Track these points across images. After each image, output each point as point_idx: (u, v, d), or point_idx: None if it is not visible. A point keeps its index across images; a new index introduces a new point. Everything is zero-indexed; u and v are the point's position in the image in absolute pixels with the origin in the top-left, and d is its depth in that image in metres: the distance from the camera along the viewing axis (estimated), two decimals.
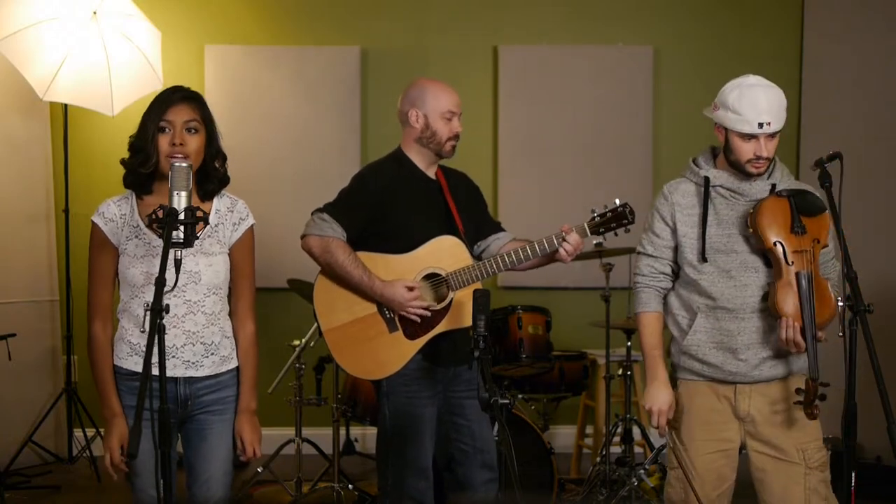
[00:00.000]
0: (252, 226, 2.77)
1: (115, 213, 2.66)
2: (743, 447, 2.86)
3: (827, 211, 2.72)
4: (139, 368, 2.59)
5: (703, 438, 2.86)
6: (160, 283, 2.25)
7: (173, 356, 2.61)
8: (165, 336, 2.53)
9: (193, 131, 2.62)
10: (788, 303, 2.68)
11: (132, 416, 2.56)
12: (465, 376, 3.28)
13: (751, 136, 2.75)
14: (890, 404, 2.32)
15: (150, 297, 2.30)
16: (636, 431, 4.71)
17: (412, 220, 3.21)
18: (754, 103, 2.74)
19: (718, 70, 5.53)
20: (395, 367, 3.17)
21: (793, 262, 2.69)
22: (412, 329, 3.18)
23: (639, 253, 3.01)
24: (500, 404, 2.57)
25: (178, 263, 2.33)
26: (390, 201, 3.20)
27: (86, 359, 5.54)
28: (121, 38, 4.87)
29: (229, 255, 2.72)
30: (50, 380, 5.29)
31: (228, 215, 2.73)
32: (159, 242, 2.56)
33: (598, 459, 4.57)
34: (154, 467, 2.29)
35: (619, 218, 3.21)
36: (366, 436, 5.43)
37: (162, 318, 2.24)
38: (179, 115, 2.61)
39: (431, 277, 3.21)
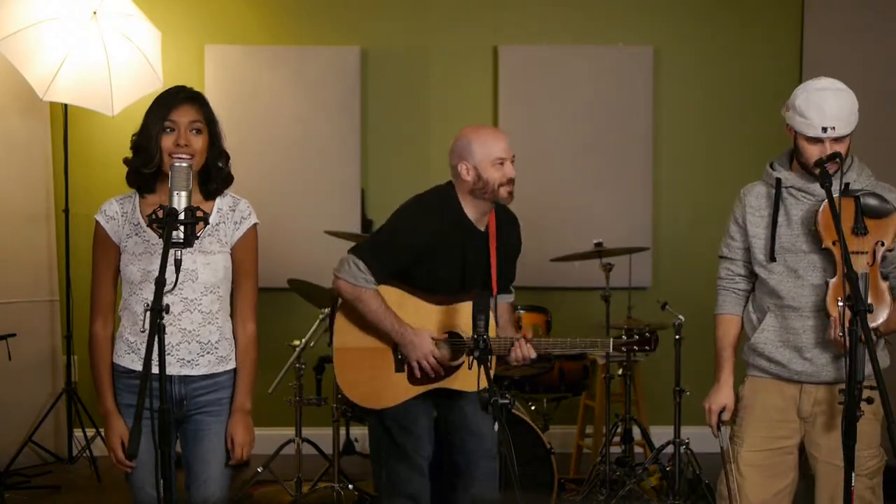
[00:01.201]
0: (255, 225, 2.76)
1: (117, 210, 2.67)
2: (803, 448, 2.88)
3: (895, 213, 2.72)
4: (135, 366, 2.62)
5: (761, 435, 2.88)
6: (160, 282, 2.25)
7: (169, 354, 2.59)
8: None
9: (197, 132, 2.63)
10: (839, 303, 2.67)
11: (128, 414, 2.58)
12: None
13: (816, 140, 2.74)
14: (890, 404, 2.31)
15: (147, 294, 2.31)
16: (636, 431, 4.71)
17: (442, 275, 3.20)
18: (820, 107, 2.72)
19: (718, 70, 5.56)
20: (389, 404, 3.20)
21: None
22: (416, 377, 3.20)
23: (719, 257, 3.06)
24: (500, 404, 2.57)
25: (177, 263, 2.33)
26: (428, 254, 3.18)
27: (86, 359, 5.53)
28: (121, 38, 4.87)
29: (231, 254, 2.72)
30: (50, 380, 5.29)
31: (230, 214, 2.73)
32: (158, 241, 2.57)
33: (598, 459, 4.57)
34: (153, 466, 2.29)
35: (642, 343, 3.35)
36: (366, 436, 5.42)
37: (162, 318, 2.24)
38: (184, 116, 2.61)
39: (454, 336, 3.22)
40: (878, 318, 2.67)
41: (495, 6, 5.56)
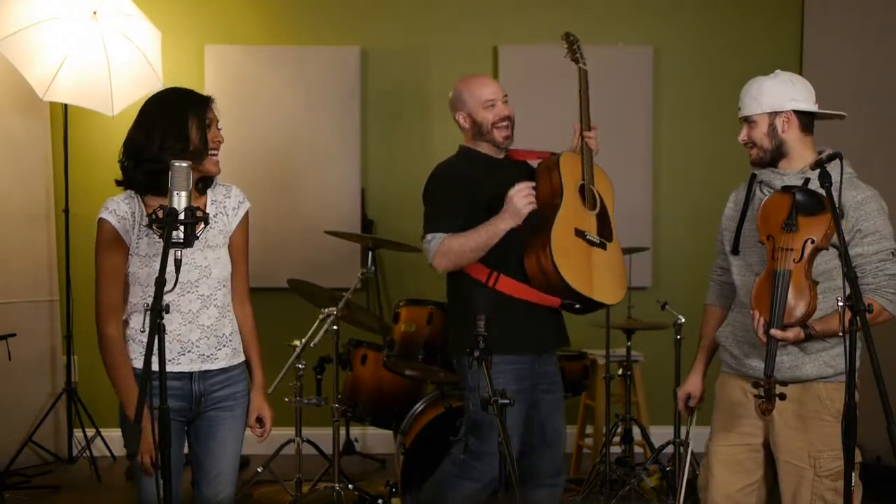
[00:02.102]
0: (248, 209, 2.81)
1: (126, 210, 2.65)
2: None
3: (826, 213, 2.70)
4: (155, 367, 2.57)
5: (727, 430, 2.92)
6: (160, 283, 2.25)
7: (189, 351, 2.64)
8: (181, 332, 2.60)
9: (219, 130, 2.73)
10: (762, 298, 2.68)
11: (153, 414, 2.56)
12: (549, 370, 3.34)
13: None
14: (890, 404, 2.31)
15: (168, 295, 2.33)
16: (636, 431, 4.72)
17: (495, 209, 3.21)
18: None
19: (718, 70, 5.56)
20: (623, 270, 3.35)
21: (777, 259, 2.70)
22: (605, 232, 3.36)
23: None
24: (501, 404, 2.57)
25: (178, 263, 2.34)
26: (475, 198, 3.26)
27: (85, 359, 5.53)
28: (121, 38, 4.87)
29: (230, 239, 2.75)
30: (50, 380, 5.29)
31: (226, 201, 2.76)
32: None
33: (598, 459, 4.57)
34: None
35: (571, 45, 3.52)
36: (366, 436, 5.43)
37: (162, 318, 2.24)
38: (213, 115, 2.70)
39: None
40: (796, 313, 2.64)
41: (495, 6, 5.56)
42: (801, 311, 2.64)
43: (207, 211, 2.69)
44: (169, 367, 2.51)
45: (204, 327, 2.67)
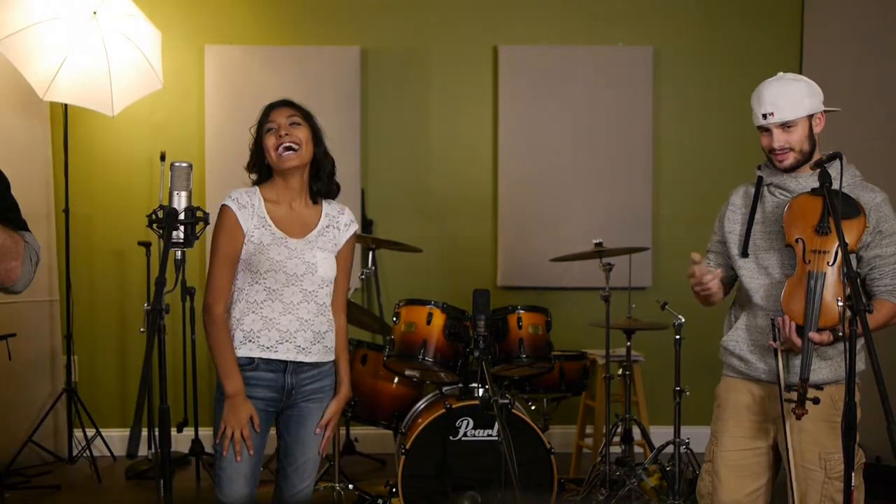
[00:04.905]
0: (356, 231, 2.96)
1: (247, 201, 2.76)
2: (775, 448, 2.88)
3: (861, 216, 2.72)
4: (253, 354, 2.71)
5: (734, 435, 2.90)
6: (160, 283, 2.25)
7: (287, 341, 2.73)
8: (280, 321, 2.72)
9: (296, 125, 2.96)
10: (794, 300, 2.68)
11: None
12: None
13: (763, 129, 2.83)
14: (890, 404, 2.31)
15: (271, 283, 2.60)
16: (636, 431, 4.72)
17: None
18: (759, 97, 2.84)
19: (718, 70, 5.56)
20: None
21: (809, 261, 2.69)
22: None
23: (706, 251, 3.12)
24: (500, 404, 2.57)
25: (177, 263, 2.35)
26: None
27: (85, 359, 5.52)
28: (121, 38, 4.87)
29: (337, 252, 2.88)
30: (50, 380, 5.29)
31: (340, 217, 2.91)
32: (283, 234, 2.74)
33: (598, 459, 4.57)
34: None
35: None
36: (366, 436, 5.43)
37: (162, 318, 2.24)
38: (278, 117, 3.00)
39: None
40: (831, 316, 2.63)
41: (495, 6, 5.56)
42: (836, 314, 2.63)
43: (321, 222, 2.84)
44: (265, 355, 2.69)
45: (302, 320, 2.75)
